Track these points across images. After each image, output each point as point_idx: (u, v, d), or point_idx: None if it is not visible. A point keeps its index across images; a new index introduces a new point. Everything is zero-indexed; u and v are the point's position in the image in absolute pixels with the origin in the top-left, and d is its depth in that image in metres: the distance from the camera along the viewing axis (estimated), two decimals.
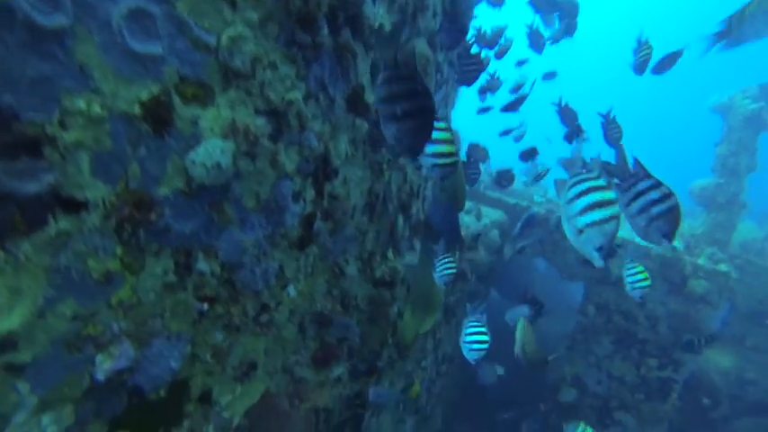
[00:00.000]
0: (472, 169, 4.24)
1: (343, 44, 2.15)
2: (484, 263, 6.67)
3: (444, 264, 2.89)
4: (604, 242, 1.48)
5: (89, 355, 1.43)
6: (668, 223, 1.70)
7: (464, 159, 4.61)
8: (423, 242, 3.79)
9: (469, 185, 4.21)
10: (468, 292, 6.28)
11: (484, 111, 6.19)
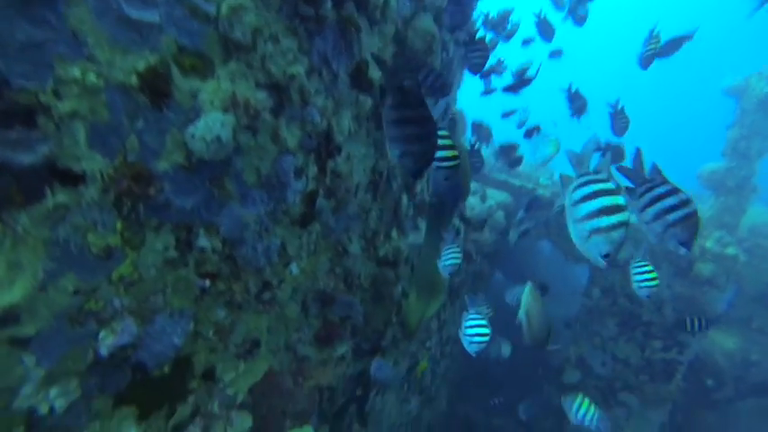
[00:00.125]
0: (476, 158, 4.28)
1: (346, 17, 2.09)
2: (488, 243, 6.66)
3: (449, 253, 2.84)
4: (611, 250, 1.42)
5: (92, 330, 1.42)
6: (686, 230, 1.62)
7: (468, 144, 4.60)
8: (428, 224, 3.76)
9: (474, 173, 4.21)
10: (472, 273, 6.27)
11: (488, 93, 6.10)
